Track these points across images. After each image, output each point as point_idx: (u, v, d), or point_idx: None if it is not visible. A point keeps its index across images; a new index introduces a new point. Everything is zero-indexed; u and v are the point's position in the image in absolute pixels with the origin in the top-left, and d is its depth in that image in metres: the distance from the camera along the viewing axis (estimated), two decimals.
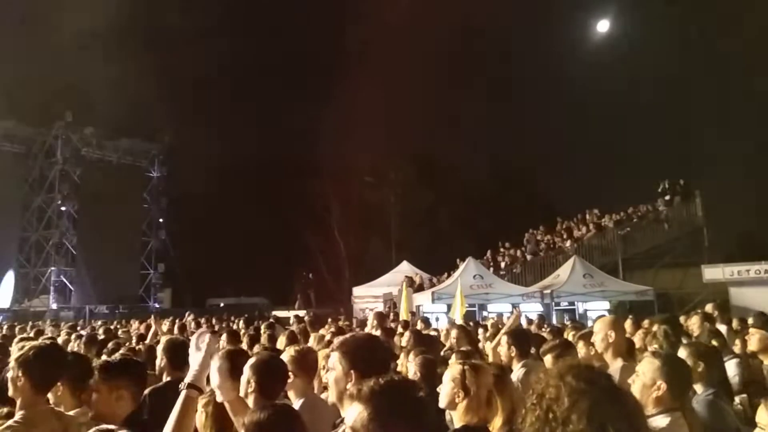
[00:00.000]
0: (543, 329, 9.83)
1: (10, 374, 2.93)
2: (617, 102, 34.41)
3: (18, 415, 2.83)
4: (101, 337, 8.27)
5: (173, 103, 30.58)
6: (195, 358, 2.55)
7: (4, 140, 31.75)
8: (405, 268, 25.90)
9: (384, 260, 31.24)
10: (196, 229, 33.23)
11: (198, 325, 12.94)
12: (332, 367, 2.57)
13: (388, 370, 2.70)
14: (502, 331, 5.94)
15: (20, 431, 2.73)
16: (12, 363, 2.94)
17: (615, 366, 4.12)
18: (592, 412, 1.49)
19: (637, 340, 6.23)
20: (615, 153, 35.09)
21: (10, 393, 2.94)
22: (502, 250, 25.71)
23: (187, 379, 2.48)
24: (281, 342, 6.87)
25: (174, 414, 2.38)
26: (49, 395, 3.04)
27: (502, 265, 23.78)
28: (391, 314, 15.72)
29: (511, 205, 36.82)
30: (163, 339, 5.20)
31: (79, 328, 13.07)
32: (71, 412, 3.03)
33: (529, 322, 12.03)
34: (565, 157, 35.72)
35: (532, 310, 16.89)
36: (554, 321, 15.64)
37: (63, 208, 32.15)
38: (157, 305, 33.26)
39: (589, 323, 14.35)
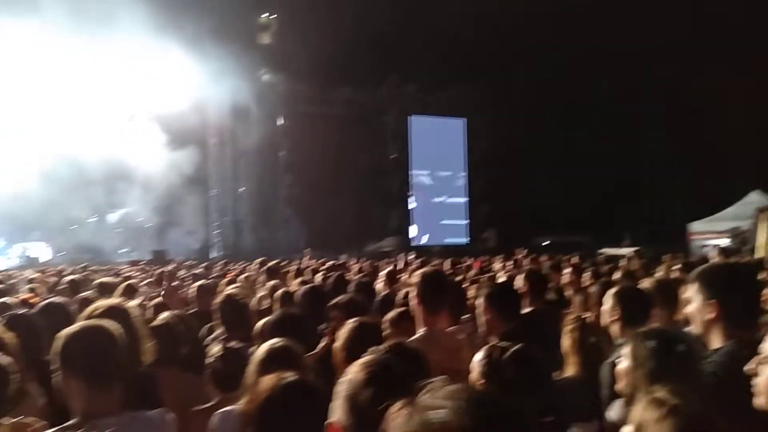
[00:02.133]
0: None
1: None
2: None
3: (419, 332, 3.38)
4: (449, 270, 9.21)
5: (489, 48, 31.15)
6: None
7: (344, 105, 35.96)
8: (756, 198, 22.74)
9: (726, 190, 27.52)
10: (516, 170, 33.86)
11: (532, 263, 13.31)
12: (691, 297, 2.44)
13: (757, 301, 2.58)
14: None
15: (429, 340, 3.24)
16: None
17: None
18: None
19: None
20: None
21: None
22: None
23: None
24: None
25: None
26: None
27: None
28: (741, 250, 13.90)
29: None
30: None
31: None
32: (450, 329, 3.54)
33: None
34: None
35: None
36: None
37: (395, 161, 36.11)
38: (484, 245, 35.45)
39: None
